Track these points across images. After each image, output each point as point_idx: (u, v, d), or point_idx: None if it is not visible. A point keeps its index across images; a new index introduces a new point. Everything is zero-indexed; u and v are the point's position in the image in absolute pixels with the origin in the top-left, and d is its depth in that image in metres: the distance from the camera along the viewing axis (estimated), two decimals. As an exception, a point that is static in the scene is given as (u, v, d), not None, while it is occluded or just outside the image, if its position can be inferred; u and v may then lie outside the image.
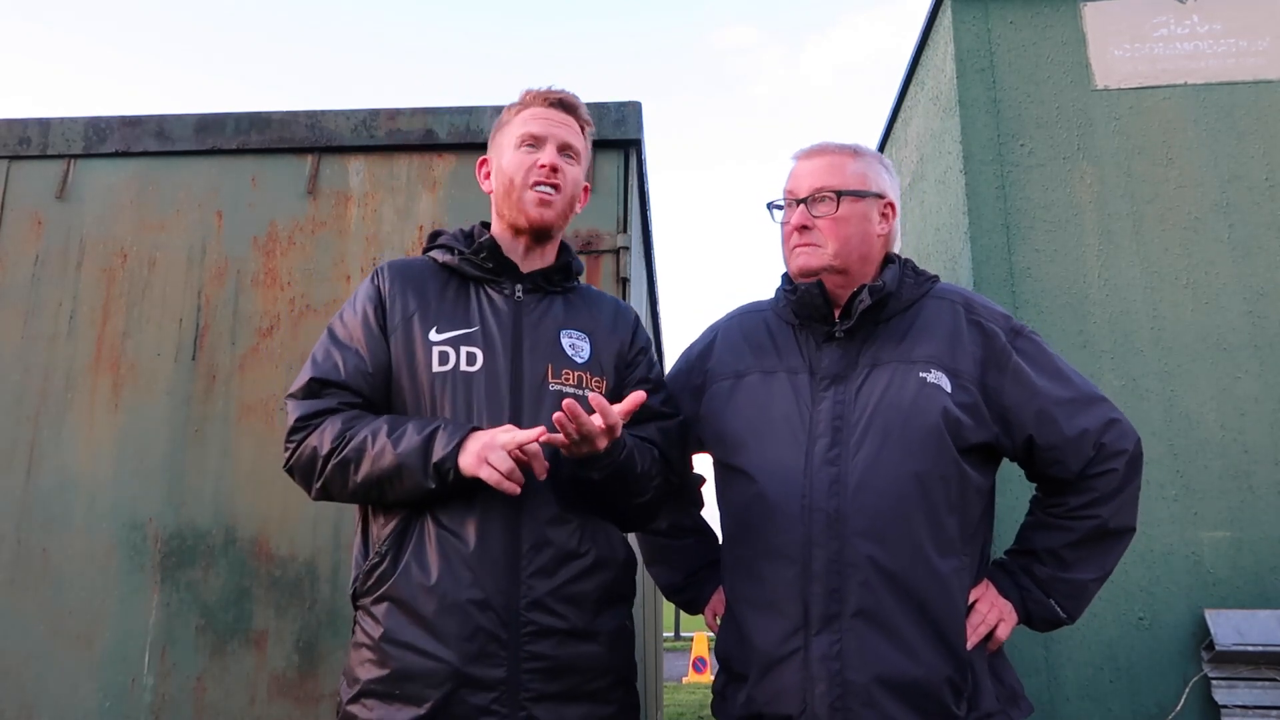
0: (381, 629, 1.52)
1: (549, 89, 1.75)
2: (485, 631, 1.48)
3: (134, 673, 2.47)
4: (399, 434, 1.51)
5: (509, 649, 1.49)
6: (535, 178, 1.67)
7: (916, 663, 1.50)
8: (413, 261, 1.74)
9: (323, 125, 2.81)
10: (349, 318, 1.66)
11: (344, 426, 1.54)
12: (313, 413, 1.58)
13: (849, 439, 1.58)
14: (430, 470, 1.48)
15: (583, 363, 1.66)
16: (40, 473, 2.61)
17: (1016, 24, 3.00)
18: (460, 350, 1.60)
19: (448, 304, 1.65)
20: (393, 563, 1.54)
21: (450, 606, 1.49)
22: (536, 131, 1.70)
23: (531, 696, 1.49)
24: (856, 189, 1.68)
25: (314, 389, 1.60)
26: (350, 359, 1.61)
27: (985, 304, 1.72)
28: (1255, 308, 2.68)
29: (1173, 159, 2.83)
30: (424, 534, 1.54)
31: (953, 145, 3.00)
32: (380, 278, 1.68)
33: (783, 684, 1.54)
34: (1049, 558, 1.65)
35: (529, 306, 1.67)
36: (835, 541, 1.53)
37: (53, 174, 2.84)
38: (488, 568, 1.51)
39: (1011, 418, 1.62)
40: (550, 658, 1.51)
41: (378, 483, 1.52)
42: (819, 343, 1.68)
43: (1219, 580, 2.51)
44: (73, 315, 2.72)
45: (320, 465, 1.55)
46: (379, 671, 1.51)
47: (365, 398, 1.60)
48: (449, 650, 1.48)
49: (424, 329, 1.62)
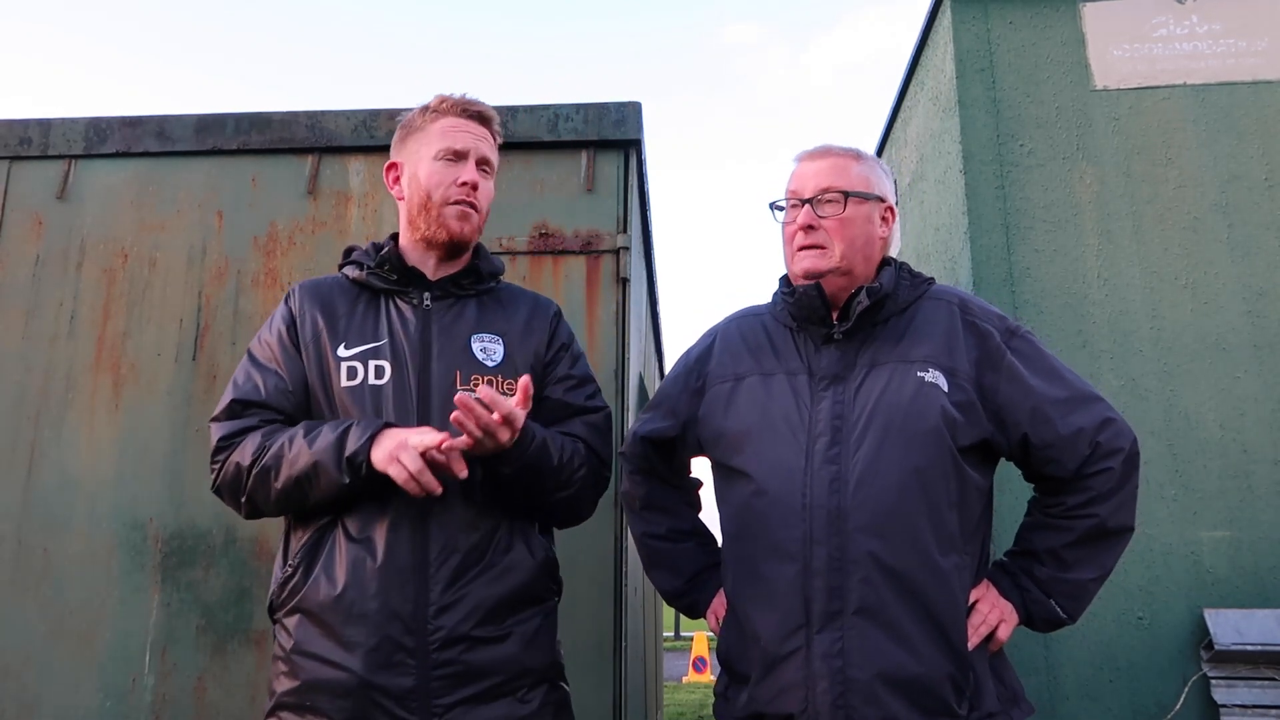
0: (292, 640, 1.53)
1: (465, 98, 1.74)
2: (391, 640, 1.48)
3: (134, 672, 2.48)
4: (314, 434, 1.53)
5: (417, 657, 1.49)
6: (456, 195, 1.68)
7: (918, 660, 1.50)
8: (324, 280, 1.75)
9: (323, 125, 2.81)
10: (266, 339, 1.69)
11: (263, 439, 1.57)
12: (234, 432, 1.61)
13: (849, 437, 1.58)
14: (344, 464, 1.49)
15: (494, 366, 1.66)
16: (41, 473, 2.61)
17: (1016, 24, 3.00)
18: (369, 364, 1.62)
19: (357, 319, 1.67)
20: (304, 574, 1.55)
21: (356, 617, 1.49)
22: (458, 146, 1.70)
23: (445, 703, 1.49)
24: (862, 190, 1.70)
25: (235, 410, 1.63)
26: (270, 379, 1.64)
27: (981, 304, 1.73)
28: (1255, 308, 2.68)
29: (1172, 159, 2.84)
30: (335, 546, 1.55)
31: (952, 145, 3.00)
32: (292, 298, 1.71)
33: (785, 682, 1.54)
34: (1049, 558, 1.65)
35: (438, 314, 1.67)
36: (836, 538, 1.54)
37: (53, 174, 2.85)
38: (394, 577, 1.51)
39: (1006, 416, 1.63)
40: (460, 663, 1.51)
41: (297, 484, 1.53)
42: (817, 344, 1.69)
43: (1218, 580, 2.51)
44: (73, 315, 2.73)
45: (244, 478, 1.57)
46: (291, 683, 1.52)
47: (287, 415, 1.63)
48: (356, 660, 1.48)
49: (333, 345, 1.64)
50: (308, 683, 1.50)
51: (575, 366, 1.77)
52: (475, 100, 1.75)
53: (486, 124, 1.75)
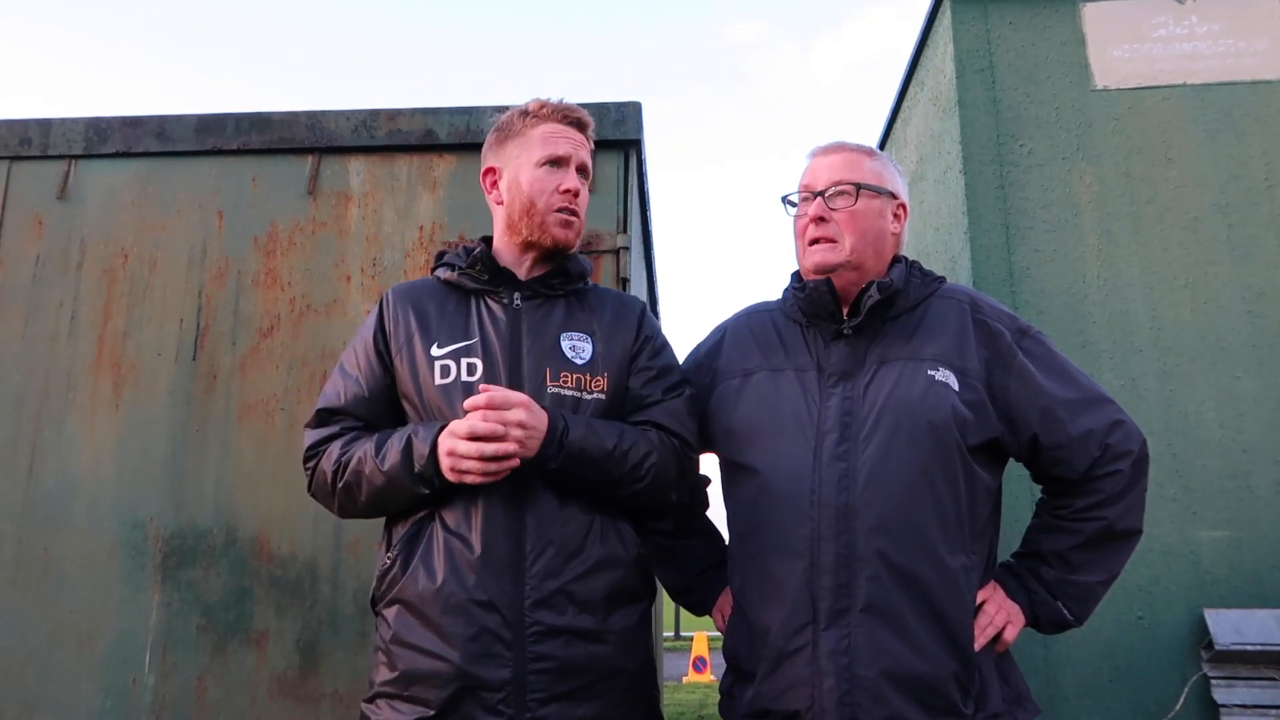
0: (391, 631, 1.56)
1: (564, 104, 1.77)
2: (489, 632, 1.50)
3: (135, 672, 2.48)
4: (383, 453, 1.57)
5: (514, 649, 1.50)
6: (560, 203, 1.71)
7: (924, 658, 1.50)
8: (416, 284, 1.80)
9: (323, 125, 2.81)
10: (355, 346, 1.75)
11: (340, 453, 1.63)
12: (318, 440, 1.68)
13: (858, 434, 1.58)
14: (417, 482, 1.55)
15: (583, 364, 1.68)
16: (41, 473, 2.61)
17: (1016, 24, 3.00)
18: (461, 362, 1.65)
19: (448, 319, 1.70)
20: (403, 567, 1.58)
21: (455, 608, 1.51)
22: (560, 153, 1.73)
23: (539, 698, 1.50)
24: (874, 185, 1.70)
25: (323, 418, 1.70)
26: (350, 386, 1.69)
27: (991, 304, 1.73)
28: (1255, 308, 2.69)
29: (1172, 159, 2.84)
30: (432, 538, 1.58)
31: (952, 145, 3.00)
32: (384, 304, 1.75)
33: (791, 679, 1.54)
34: (1056, 560, 1.65)
35: (528, 313, 1.70)
36: (844, 536, 1.54)
37: (53, 174, 2.85)
38: (491, 569, 1.53)
39: (1016, 416, 1.63)
40: (557, 658, 1.52)
41: (382, 498, 1.60)
42: (827, 340, 1.69)
43: (1218, 580, 2.52)
44: (74, 315, 2.72)
45: (331, 490, 1.65)
46: (389, 674, 1.55)
47: (364, 420, 1.68)
48: (454, 651, 1.50)
49: (425, 346, 1.67)
50: (406, 673, 1.52)
51: (656, 358, 1.77)
52: (574, 106, 1.78)
53: (584, 130, 1.78)
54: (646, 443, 1.65)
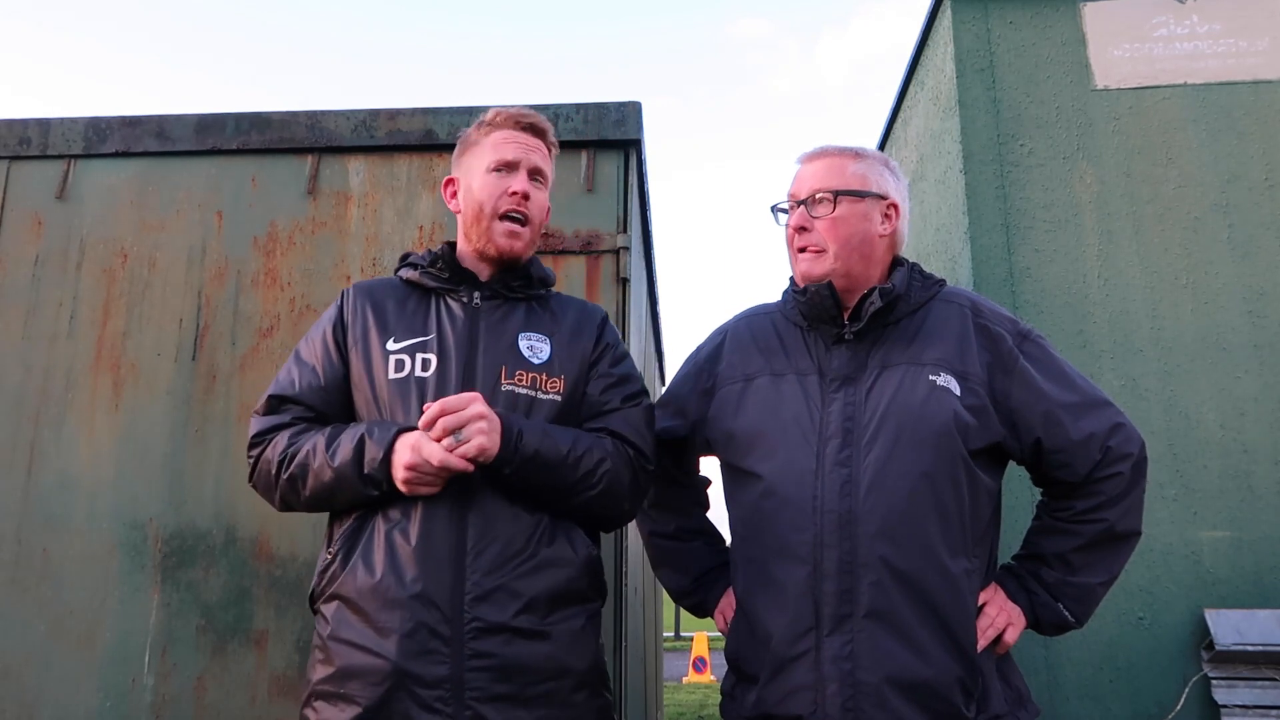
0: (329, 627, 1.54)
1: (518, 110, 1.78)
2: (427, 628, 1.48)
3: (134, 673, 2.47)
4: (334, 448, 1.56)
5: (452, 646, 1.48)
6: (506, 205, 1.71)
7: (927, 663, 1.50)
8: (378, 281, 1.80)
9: (323, 125, 2.81)
10: (313, 337, 1.74)
11: (287, 444, 1.61)
12: (267, 428, 1.66)
13: (860, 440, 1.58)
14: (366, 483, 1.54)
15: (540, 363, 1.68)
16: (41, 473, 2.60)
17: (1016, 24, 3.00)
18: (416, 357, 1.65)
19: (407, 316, 1.70)
20: (343, 562, 1.56)
21: (392, 603, 1.49)
22: (509, 157, 1.73)
23: (478, 696, 1.47)
24: (855, 189, 1.69)
25: (272, 405, 1.68)
26: (305, 375, 1.68)
27: (991, 307, 1.73)
28: (1255, 308, 2.68)
29: (1172, 159, 2.84)
30: (374, 533, 1.56)
31: (952, 145, 3.00)
32: (344, 298, 1.75)
33: (794, 684, 1.54)
34: (1057, 562, 1.65)
35: (488, 313, 1.71)
36: (847, 542, 1.54)
37: (53, 174, 2.84)
38: (431, 563, 1.51)
39: (1019, 420, 1.63)
40: (497, 656, 1.49)
41: (327, 493, 1.58)
42: (828, 344, 1.69)
43: (1218, 580, 2.52)
44: (73, 315, 2.72)
45: (274, 482, 1.62)
46: (326, 670, 1.53)
47: (317, 411, 1.67)
48: (390, 646, 1.47)
49: (382, 340, 1.67)
50: (342, 669, 1.50)
51: (616, 366, 1.77)
52: (528, 112, 1.78)
53: (540, 135, 1.78)
54: (601, 449, 1.64)
